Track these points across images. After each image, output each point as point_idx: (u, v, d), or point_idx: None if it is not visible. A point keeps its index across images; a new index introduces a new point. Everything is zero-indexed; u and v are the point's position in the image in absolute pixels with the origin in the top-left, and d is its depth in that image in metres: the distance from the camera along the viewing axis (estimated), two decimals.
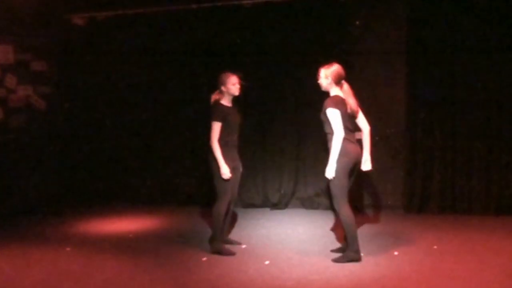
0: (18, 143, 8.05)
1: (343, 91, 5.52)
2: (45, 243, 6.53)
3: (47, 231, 7.07)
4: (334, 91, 5.52)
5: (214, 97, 5.92)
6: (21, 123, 8.14)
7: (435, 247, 5.95)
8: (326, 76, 5.50)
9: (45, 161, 8.48)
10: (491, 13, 6.98)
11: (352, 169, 5.50)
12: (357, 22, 7.53)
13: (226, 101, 5.87)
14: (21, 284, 5.25)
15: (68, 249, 6.26)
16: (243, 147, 7.79)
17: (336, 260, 5.52)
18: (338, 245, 6.02)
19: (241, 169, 6.06)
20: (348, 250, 5.54)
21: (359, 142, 5.64)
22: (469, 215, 7.15)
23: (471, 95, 7.14)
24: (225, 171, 5.70)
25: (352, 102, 5.48)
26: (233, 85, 5.80)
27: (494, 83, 7.05)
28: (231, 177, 5.78)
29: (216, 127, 5.74)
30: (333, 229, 6.70)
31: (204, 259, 5.79)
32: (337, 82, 5.50)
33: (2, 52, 7.89)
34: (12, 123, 8.03)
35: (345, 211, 5.44)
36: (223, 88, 5.83)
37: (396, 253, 5.78)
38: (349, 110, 5.46)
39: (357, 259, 5.50)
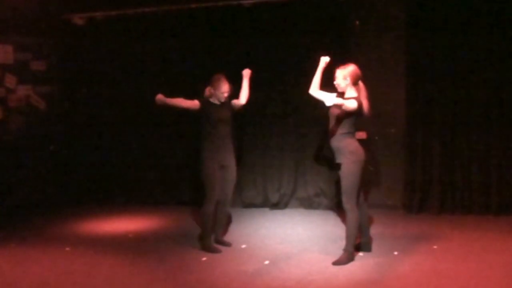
0: (17, 143, 8.05)
1: (359, 91, 5.49)
2: (45, 243, 6.53)
3: (47, 231, 7.07)
4: (351, 92, 5.49)
5: (206, 93, 6.07)
6: (20, 122, 8.14)
7: (435, 247, 5.95)
8: (345, 77, 5.45)
9: (45, 161, 8.48)
10: (492, 12, 6.97)
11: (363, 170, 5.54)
12: (357, 22, 7.53)
13: (215, 99, 6.00)
14: (21, 284, 5.25)
15: (68, 249, 6.26)
16: (243, 147, 7.85)
17: (336, 263, 5.50)
18: (337, 245, 6.02)
19: (233, 168, 6.06)
20: (344, 252, 5.53)
21: (361, 141, 5.67)
22: (469, 215, 7.15)
23: (471, 94, 7.14)
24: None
25: (364, 104, 5.48)
26: (221, 93, 5.94)
27: (495, 82, 7.05)
28: (217, 176, 5.92)
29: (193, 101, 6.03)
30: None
31: (204, 259, 5.79)
32: (355, 82, 5.48)
33: (2, 51, 7.89)
34: (12, 123, 8.03)
35: (354, 211, 5.47)
36: (211, 90, 5.97)
37: (396, 253, 5.78)
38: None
39: (352, 259, 5.55)
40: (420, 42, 7.24)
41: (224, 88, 5.93)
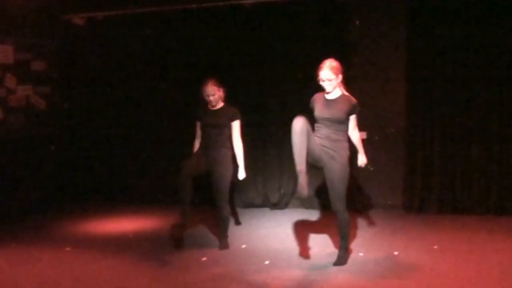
0: (18, 143, 8.05)
1: (340, 84, 5.33)
2: (45, 243, 6.53)
3: (47, 231, 7.07)
4: (337, 90, 5.34)
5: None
6: (21, 123, 8.14)
7: (435, 246, 5.95)
8: (337, 74, 5.22)
9: (45, 161, 8.48)
10: (492, 11, 6.97)
11: None
12: (357, 22, 7.53)
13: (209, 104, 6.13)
14: (21, 284, 5.25)
15: (68, 249, 6.26)
16: (244, 147, 7.84)
17: (336, 263, 5.50)
18: (337, 245, 6.00)
19: (219, 173, 5.93)
20: (342, 251, 5.52)
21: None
22: (469, 215, 7.15)
23: (471, 94, 7.15)
24: None
25: None
26: (206, 96, 6.04)
27: (495, 82, 7.05)
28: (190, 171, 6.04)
29: (196, 125, 6.25)
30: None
31: (204, 259, 5.79)
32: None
33: (2, 52, 7.88)
34: (12, 123, 8.03)
35: (346, 211, 5.45)
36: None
37: (396, 253, 5.78)
38: None
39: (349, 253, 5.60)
40: (421, 42, 7.24)
41: (206, 92, 6.00)
